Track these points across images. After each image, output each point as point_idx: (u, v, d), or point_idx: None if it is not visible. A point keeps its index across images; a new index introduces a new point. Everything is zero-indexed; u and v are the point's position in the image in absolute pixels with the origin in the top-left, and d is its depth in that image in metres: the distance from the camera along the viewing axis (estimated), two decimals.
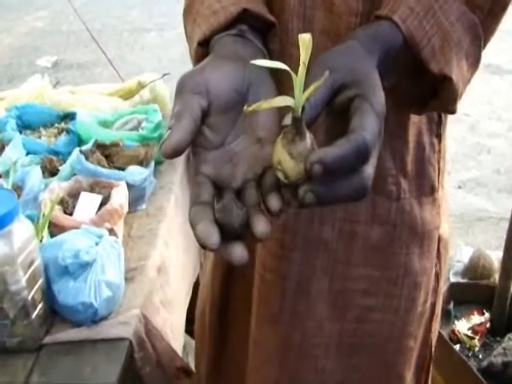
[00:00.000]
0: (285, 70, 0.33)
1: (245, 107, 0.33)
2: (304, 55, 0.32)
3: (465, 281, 1.44)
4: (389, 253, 0.57)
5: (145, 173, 1.02)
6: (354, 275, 0.57)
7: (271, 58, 0.46)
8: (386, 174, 0.55)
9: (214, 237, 0.32)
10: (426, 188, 0.57)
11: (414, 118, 0.54)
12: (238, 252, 0.33)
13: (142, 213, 1.01)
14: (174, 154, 0.34)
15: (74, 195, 0.85)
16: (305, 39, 0.32)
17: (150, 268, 0.85)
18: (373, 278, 0.57)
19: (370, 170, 0.35)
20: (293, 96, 0.33)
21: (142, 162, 1.04)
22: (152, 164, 1.07)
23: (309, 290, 0.58)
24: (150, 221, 0.99)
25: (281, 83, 0.43)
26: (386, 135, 0.46)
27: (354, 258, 0.57)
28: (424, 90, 0.46)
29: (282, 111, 0.38)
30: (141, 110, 1.20)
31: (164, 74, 1.33)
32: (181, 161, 1.16)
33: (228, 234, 0.34)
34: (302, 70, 0.33)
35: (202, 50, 0.46)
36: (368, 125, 0.34)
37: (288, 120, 0.35)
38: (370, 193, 0.44)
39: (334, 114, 0.38)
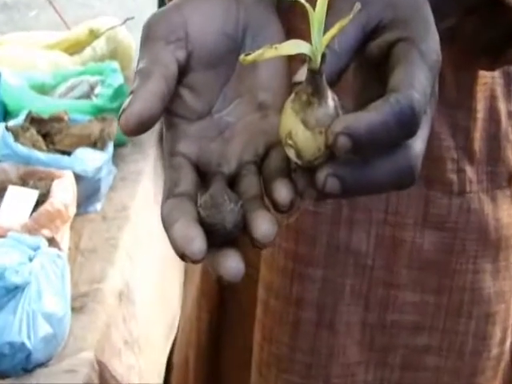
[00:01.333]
0: (297, 7, 0.34)
1: (241, 57, 0.34)
2: None
3: None
4: (448, 270, 0.56)
5: (100, 159, 1.04)
6: (398, 302, 0.57)
7: None
8: (443, 157, 0.54)
9: (196, 242, 0.33)
10: (502, 177, 0.57)
11: (484, 77, 0.54)
12: (232, 263, 0.34)
13: (97, 215, 1.03)
14: (139, 128, 0.35)
15: None
16: None
17: (107, 293, 0.87)
18: (425, 306, 0.57)
19: (418, 145, 0.36)
20: (309, 41, 0.34)
21: (96, 144, 1.05)
22: (111, 146, 1.08)
23: (333, 323, 0.57)
24: (107, 226, 1.01)
25: (292, 28, 0.43)
26: (443, 101, 0.47)
27: (397, 276, 0.56)
28: (499, 32, 0.47)
29: (294, 64, 0.38)
30: (94, 69, 1.22)
31: (127, 19, 1.34)
32: (152, 141, 1.19)
33: (217, 238, 0.34)
34: (321, 1, 0.33)
35: None
36: (416, 81, 0.34)
37: (302, 75, 0.35)
38: (419, 180, 0.44)
39: (368, 66, 0.38)
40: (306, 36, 0.35)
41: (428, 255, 0.56)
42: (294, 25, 0.47)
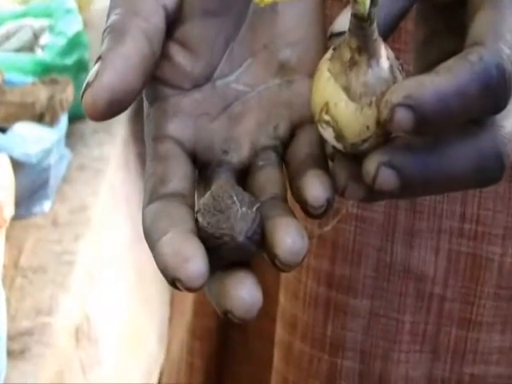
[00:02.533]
0: None
1: None
2: None
3: None
4: None
5: (48, 138, 1.04)
6: (480, 348, 0.57)
7: None
8: None
9: (194, 262, 0.33)
10: None
11: None
12: (245, 293, 0.34)
13: (45, 219, 1.04)
14: (111, 109, 0.36)
15: None
16: None
17: (59, 330, 0.88)
18: None
19: (510, 124, 0.36)
20: None
21: (43, 117, 1.05)
22: (63, 120, 1.09)
23: (385, 377, 0.59)
24: (59, 236, 1.01)
25: None
26: None
27: (480, 311, 0.57)
28: None
29: (330, 6, 0.40)
30: (39, 9, 1.23)
31: None
32: (122, 115, 1.19)
33: (223, 257, 0.35)
34: None
35: None
36: (506, 31, 0.35)
37: (343, 23, 0.36)
38: (509, 173, 0.45)
39: (436, 8, 0.39)
40: None
41: None
42: None
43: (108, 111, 0.36)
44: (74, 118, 1.15)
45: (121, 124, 1.18)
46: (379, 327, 0.58)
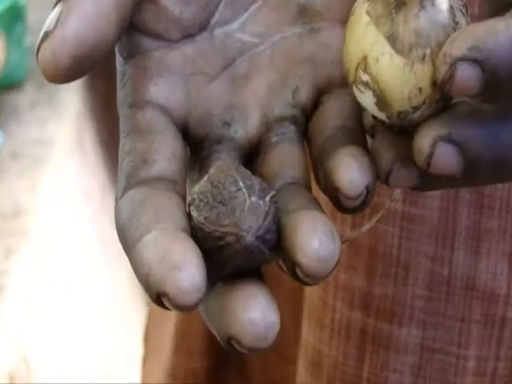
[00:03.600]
0: None
1: None
2: None
3: None
4: None
5: None
6: None
7: None
8: None
9: (189, 269, 0.34)
10: None
11: None
12: (256, 312, 0.35)
13: None
14: (76, 68, 0.36)
15: None
16: None
17: None
18: None
19: None
20: None
21: None
22: None
23: None
24: None
25: None
26: None
27: None
28: None
29: None
30: None
31: None
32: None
33: (226, 263, 0.36)
34: None
35: None
36: None
37: None
38: None
39: None
40: None
41: None
42: None
43: (73, 70, 0.36)
44: (7, 84, 1.16)
45: (71, 91, 1.17)
46: (434, 366, 0.59)
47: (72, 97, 1.18)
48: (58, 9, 0.37)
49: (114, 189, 0.40)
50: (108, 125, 1.26)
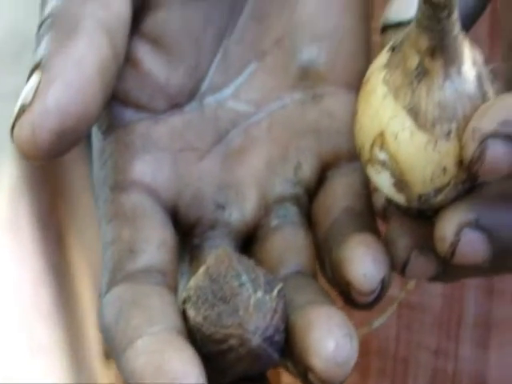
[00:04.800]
0: None
1: None
2: None
3: None
4: None
5: None
6: None
7: None
8: None
9: (189, 379, 0.32)
10: None
11: None
12: None
13: None
14: (57, 145, 0.35)
15: None
16: None
17: None
18: None
19: None
20: None
21: None
22: None
23: None
24: None
25: None
26: None
27: None
28: None
29: None
30: None
31: None
32: (7, 145, 1.18)
33: (230, 369, 0.35)
34: None
35: None
36: None
37: (403, 10, 0.36)
38: None
39: None
40: None
41: None
42: None
43: (56, 146, 0.35)
44: None
45: (4, 159, 1.15)
46: None
47: (5, 166, 1.15)
48: (35, 78, 0.35)
49: (49, 282, 0.39)
50: (48, 201, 1.23)
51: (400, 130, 0.34)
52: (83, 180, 1.10)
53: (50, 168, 1.18)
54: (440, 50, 0.34)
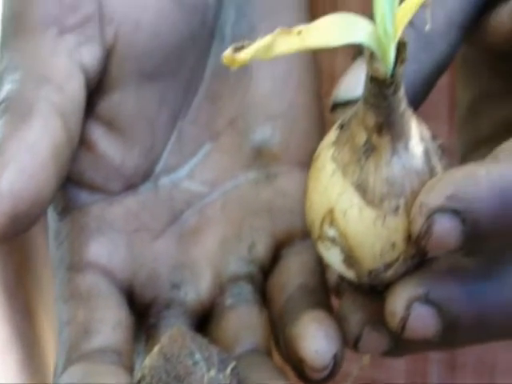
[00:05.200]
0: None
1: (225, 53, 0.33)
2: None
3: None
4: None
5: None
6: None
7: None
8: None
9: None
10: None
11: None
12: None
13: None
14: (10, 230, 0.35)
15: None
16: None
17: None
18: None
19: None
20: (368, 15, 0.33)
21: None
22: None
23: None
24: None
25: None
26: None
27: None
28: None
29: (327, 60, 0.41)
30: None
31: None
32: None
33: None
34: None
35: None
36: None
37: (351, 88, 0.36)
38: None
39: (488, 56, 0.40)
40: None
41: None
42: None
43: (8, 229, 0.35)
44: None
45: None
46: None
47: None
48: None
49: (15, 350, 0.39)
50: (15, 272, 1.21)
51: (348, 207, 0.34)
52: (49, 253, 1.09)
53: (17, 239, 1.17)
54: (387, 127, 0.34)
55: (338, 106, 0.36)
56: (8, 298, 1.23)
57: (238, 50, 0.32)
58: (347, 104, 0.36)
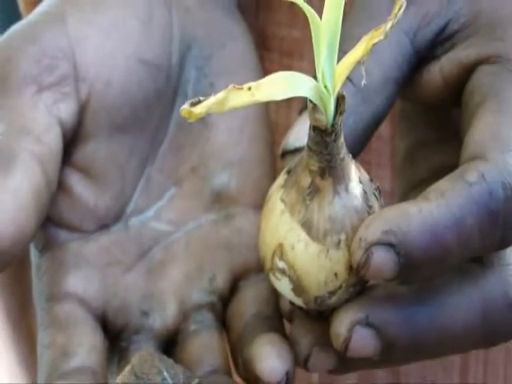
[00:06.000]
0: (291, 20, 0.36)
1: (182, 108, 0.33)
2: None
3: None
4: None
5: None
6: None
7: None
8: None
9: None
10: None
11: None
12: None
13: None
14: None
15: None
16: None
17: None
18: None
19: None
20: (312, 74, 0.33)
21: None
22: None
23: None
24: None
25: (280, 54, 0.44)
26: None
27: None
28: None
29: (278, 112, 0.41)
30: None
31: None
32: None
33: None
34: (334, 2, 0.33)
35: None
36: None
37: (298, 138, 0.37)
38: None
39: (421, 108, 0.41)
40: (302, 58, 0.37)
41: None
42: (276, 34, 0.48)
43: None
44: None
45: None
46: None
47: None
48: None
49: (21, 376, 0.40)
50: (19, 306, 1.21)
51: (296, 242, 0.34)
52: None
53: (19, 274, 1.17)
54: (329, 171, 0.34)
55: (287, 153, 0.36)
56: (12, 330, 1.22)
57: (194, 104, 0.32)
58: (295, 151, 0.36)
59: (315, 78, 0.34)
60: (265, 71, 0.44)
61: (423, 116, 0.40)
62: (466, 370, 0.54)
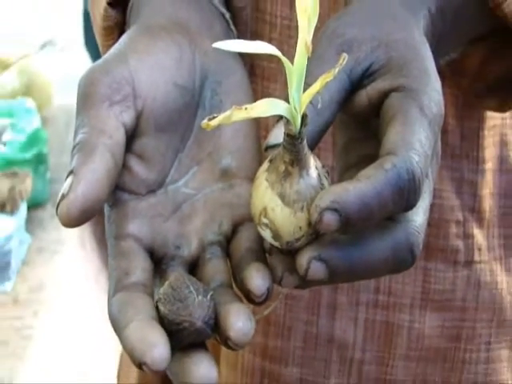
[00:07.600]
0: (270, 56, 0.35)
1: (203, 122, 0.34)
2: (305, 26, 0.34)
3: None
4: (456, 361, 0.57)
5: (10, 225, 1.02)
6: None
7: (242, 32, 0.49)
8: (445, 220, 0.56)
9: (158, 347, 0.34)
10: None
11: (492, 118, 0.55)
12: (204, 370, 0.34)
13: (6, 298, 1.01)
14: (83, 217, 0.36)
15: None
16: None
17: None
18: None
19: (419, 218, 0.37)
20: (285, 98, 0.35)
21: (5, 206, 1.04)
22: (23, 209, 1.08)
23: None
24: (20, 312, 0.99)
25: (262, 79, 0.45)
26: (445, 151, 0.48)
27: (393, 371, 0.57)
28: (509, 65, 0.49)
29: (264, 120, 0.40)
30: (1, 109, 1.21)
31: (46, 43, 1.34)
32: None
33: (183, 340, 0.35)
34: (301, 52, 0.34)
35: (117, 14, 0.49)
36: (415, 141, 0.35)
37: (276, 137, 0.37)
38: (420, 257, 0.43)
39: (355, 120, 0.40)
40: (276, 82, 0.36)
41: (430, 343, 0.57)
42: (264, 75, 0.50)
43: (80, 219, 0.36)
44: (34, 205, 1.14)
45: None
46: None
47: None
48: (69, 178, 0.37)
49: (106, 270, 0.39)
50: (102, 229, 1.24)
51: (275, 206, 0.35)
52: None
53: (101, 219, 1.18)
54: (296, 162, 0.35)
55: (269, 147, 0.37)
56: (98, 244, 1.19)
57: (210, 119, 0.34)
58: (274, 146, 0.37)
59: (288, 101, 0.35)
60: (252, 90, 0.45)
61: (355, 122, 0.40)
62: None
